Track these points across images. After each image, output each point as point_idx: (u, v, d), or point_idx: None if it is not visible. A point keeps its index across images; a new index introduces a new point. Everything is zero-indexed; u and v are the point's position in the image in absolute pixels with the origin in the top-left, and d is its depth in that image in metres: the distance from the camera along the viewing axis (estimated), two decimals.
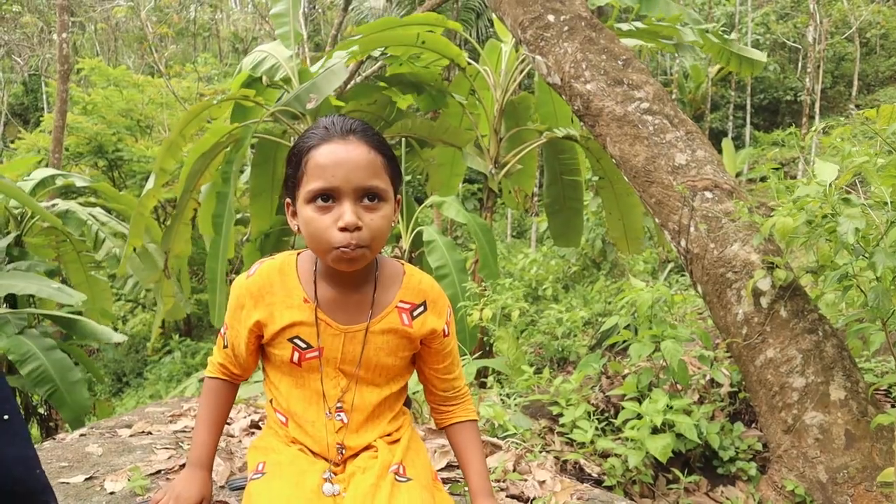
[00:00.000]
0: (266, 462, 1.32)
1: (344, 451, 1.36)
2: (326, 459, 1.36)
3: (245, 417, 2.63)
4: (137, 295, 8.29)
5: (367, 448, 1.39)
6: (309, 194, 1.17)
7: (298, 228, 1.23)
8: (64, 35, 9.72)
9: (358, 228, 1.15)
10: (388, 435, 1.41)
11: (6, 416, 1.22)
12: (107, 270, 8.32)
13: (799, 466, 2.43)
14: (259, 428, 2.54)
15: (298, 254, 1.36)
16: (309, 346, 1.32)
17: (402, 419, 1.46)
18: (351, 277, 1.30)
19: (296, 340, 1.32)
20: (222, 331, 1.41)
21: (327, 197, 1.16)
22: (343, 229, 1.14)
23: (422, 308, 1.37)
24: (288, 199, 1.27)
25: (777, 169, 2.79)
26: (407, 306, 1.35)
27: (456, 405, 1.48)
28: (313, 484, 1.27)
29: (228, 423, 2.52)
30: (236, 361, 1.40)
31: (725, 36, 5.50)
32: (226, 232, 5.48)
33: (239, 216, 11.57)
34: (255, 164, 6.69)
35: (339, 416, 1.35)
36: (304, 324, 1.31)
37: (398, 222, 1.30)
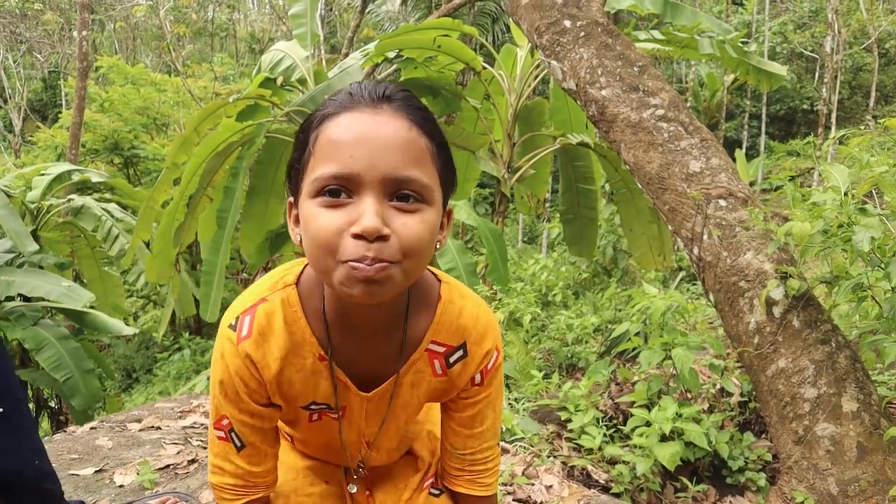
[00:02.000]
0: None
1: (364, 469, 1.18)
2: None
3: None
4: (150, 292, 8.35)
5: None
6: (315, 184, 0.79)
7: (301, 239, 0.85)
8: (84, 33, 9.83)
9: (382, 238, 0.77)
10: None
11: (1, 410, 1.24)
12: (121, 266, 8.40)
13: (809, 478, 2.41)
14: None
15: (299, 279, 0.96)
16: (329, 408, 1.02)
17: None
18: (374, 319, 0.93)
19: (312, 406, 1.02)
20: (223, 434, 0.99)
21: (339, 190, 0.78)
22: (359, 236, 0.77)
23: (461, 352, 0.99)
24: (290, 199, 0.89)
25: (793, 178, 2.78)
26: (441, 350, 0.99)
27: (462, 472, 1.11)
28: (331, 486, 1.16)
29: None
30: (267, 451, 1.03)
31: (744, 48, 5.47)
32: (229, 227, 5.51)
33: None
34: (259, 161, 6.65)
35: (360, 470, 1.16)
36: (320, 387, 0.99)
37: (442, 241, 0.88)
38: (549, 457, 2.51)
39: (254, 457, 1.00)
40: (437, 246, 0.86)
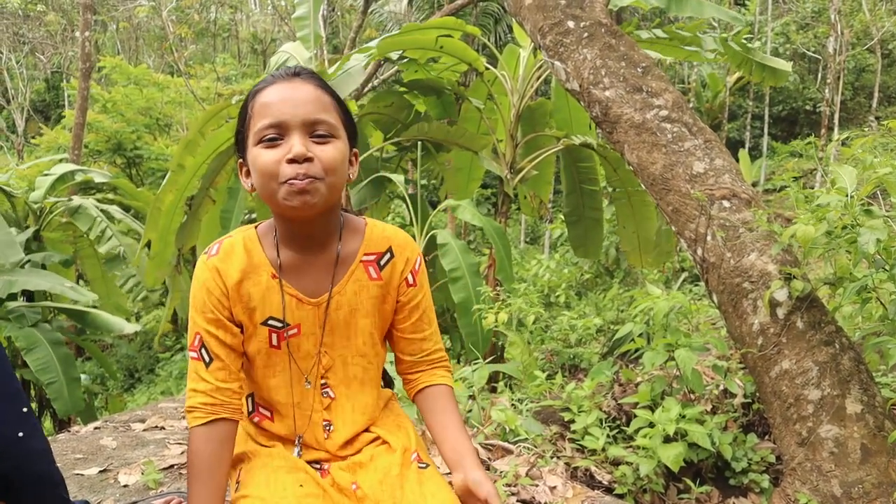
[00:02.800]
0: (240, 471, 1.24)
1: (331, 428, 1.28)
2: (311, 447, 1.29)
3: None
4: (137, 294, 8.32)
5: (365, 439, 1.31)
6: (256, 135, 1.12)
7: (252, 186, 1.17)
8: (86, 33, 9.84)
9: (308, 160, 1.09)
10: (372, 427, 1.32)
11: None
12: (115, 266, 8.36)
13: (813, 480, 2.41)
14: None
15: (257, 226, 1.27)
16: (286, 325, 1.24)
17: (385, 399, 1.39)
18: (313, 234, 1.22)
19: (270, 322, 1.23)
20: (195, 353, 1.20)
21: (275, 137, 1.11)
22: (291, 161, 1.09)
23: (388, 255, 1.29)
24: (240, 160, 1.21)
25: (797, 178, 2.78)
26: (372, 257, 1.28)
27: (423, 370, 1.35)
28: (295, 477, 1.20)
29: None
30: (232, 368, 1.21)
31: (748, 45, 5.45)
32: (233, 227, 5.52)
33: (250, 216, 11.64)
34: None
35: (325, 391, 1.28)
36: (275, 302, 1.22)
37: (353, 174, 1.20)
38: (552, 458, 2.51)
39: (221, 371, 1.19)
40: (350, 176, 1.20)
